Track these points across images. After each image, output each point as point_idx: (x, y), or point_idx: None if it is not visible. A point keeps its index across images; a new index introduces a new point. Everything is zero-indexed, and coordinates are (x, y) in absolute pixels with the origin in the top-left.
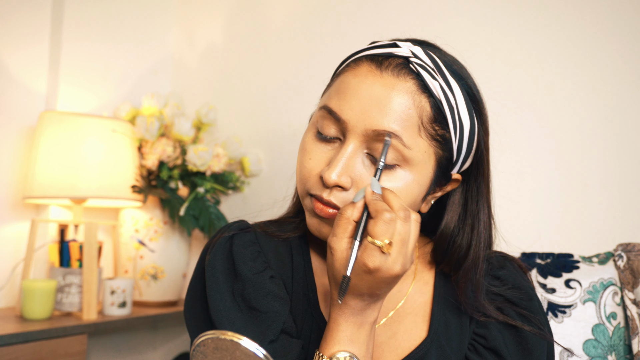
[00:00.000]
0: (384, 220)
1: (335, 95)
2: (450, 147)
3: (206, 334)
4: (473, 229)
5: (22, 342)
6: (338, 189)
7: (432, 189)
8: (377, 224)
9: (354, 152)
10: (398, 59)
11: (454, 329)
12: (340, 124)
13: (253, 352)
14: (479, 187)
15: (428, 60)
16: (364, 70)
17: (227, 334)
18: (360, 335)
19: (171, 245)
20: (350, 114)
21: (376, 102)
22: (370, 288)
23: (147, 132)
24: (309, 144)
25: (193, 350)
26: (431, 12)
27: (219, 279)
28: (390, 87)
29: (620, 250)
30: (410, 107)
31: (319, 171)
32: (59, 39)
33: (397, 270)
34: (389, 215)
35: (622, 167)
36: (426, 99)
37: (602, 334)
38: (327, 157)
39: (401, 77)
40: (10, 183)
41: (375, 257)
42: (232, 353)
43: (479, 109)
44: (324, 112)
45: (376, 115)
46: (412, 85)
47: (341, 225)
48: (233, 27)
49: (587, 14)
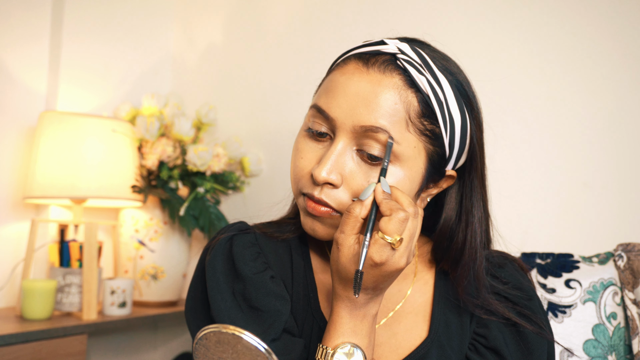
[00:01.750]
0: (399, 219)
1: (324, 94)
2: (442, 143)
3: (208, 328)
4: (467, 225)
5: (22, 342)
6: (329, 187)
7: (425, 185)
8: (392, 222)
9: (343, 149)
10: (385, 55)
11: (454, 329)
12: (330, 121)
13: (255, 346)
14: (472, 182)
15: (415, 56)
16: (351, 68)
17: (229, 328)
18: (363, 327)
19: (171, 246)
20: (338, 112)
21: (363, 98)
22: (375, 282)
23: (147, 132)
24: (301, 143)
25: (195, 344)
26: (431, 12)
27: (220, 279)
28: (376, 83)
29: (621, 250)
30: (397, 102)
31: (310, 169)
32: (59, 39)
33: (402, 264)
34: (403, 214)
35: (622, 167)
36: (413, 94)
37: (602, 334)
38: (318, 156)
39: (387, 73)
40: (10, 183)
41: (384, 252)
42: (234, 347)
43: (470, 104)
44: (314, 111)
45: (363, 112)
46: (398, 81)
47: (349, 222)
48: (233, 27)
49: (587, 12)
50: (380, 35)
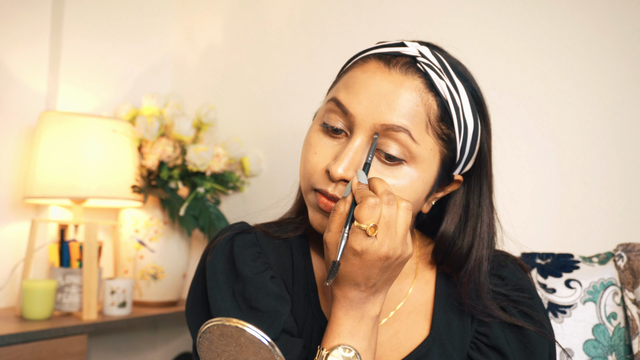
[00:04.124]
0: (368, 205)
1: (344, 89)
2: (454, 147)
3: (212, 321)
4: (475, 230)
5: (22, 342)
6: (343, 184)
7: (435, 189)
8: (362, 209)
9: (361, 146)
10: (405, 57)
11: (455, 328)
12: (348, 117)
13: (258, 339)
14: (482, 188)
15: (435, 60)
16: (372, 67)
17: (232, 321)
18: (360, 329)
19: (171, 246)
20: (358, 108)
21: (385, 97)
22: (363, 275)
23: (147, 132)
24: (315, 138)
25: (199, 337)
26: (431, 12)
27: (220, 280)
28: (398, 83)
29: (621, 250)
30: (419, 104)
31: (325, 166)
32: (59, 39)
33: (383, 251)
34: (373, 200)
35: (622, 167)
36: (433, 98)
37: (602, 334)
38: (332, 152)
39: (409, 74)
40: (10, 183)
41: (361, 240)
42: (237, 339)
43: (482, 111)
44: (332, 105)
45: (385, 110)
46: (419, 84)
47: (335, 220)
48: (233, 27)
49: (588, 13)
50: (381, 36)
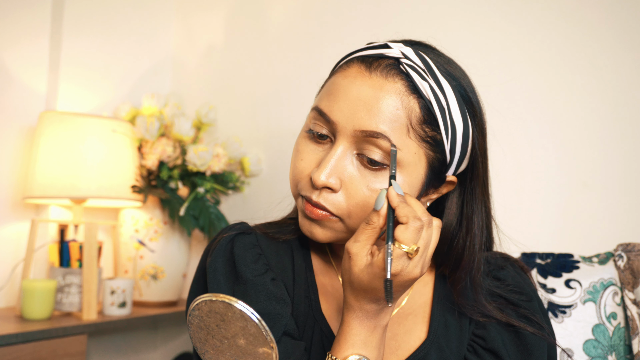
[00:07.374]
0: (415, 227)
1: (326, 97)
2: (443, 149)
3: (201, 297)
4: (468, 231)
5: (22, 342)
6: (327, 191)
7: (425, 192)
8: (408, 231)
9: (343, 153)
10: (388, 59)
11: (453, 330)
12: (330, 124)
13: (246, 314)
14: (474, 189)
15: (418, 61)
16: (353, 72)
17: (219, 296)
18: (373, 338)
19: (171, 246)
20: (339, 115)
21: (364, 103)
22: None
23: (147, 132)
24: (302, 144)
25: (189, 316)
26: (430, 13)
27: (220, 281)
28: (378, 87)
29: (620, 250)
30: (399, 108)
31: (309, 172)
32: (59, 39)
33: (416, 274)
34: (419, 223)
35: (622, 167)
36: (415, 100)
37: (602, 334)
38: (318, 158)
39: (390, 77)
40: (10, 183)
41: (400, 262)
42: (225, 315)
43: (473, 110)
44: (315, 113)
45: (364, 116)
46: (400, 86)
47: (366, 232)
48: (233, 27)
49: (587, 14)
50: (380, 36)
